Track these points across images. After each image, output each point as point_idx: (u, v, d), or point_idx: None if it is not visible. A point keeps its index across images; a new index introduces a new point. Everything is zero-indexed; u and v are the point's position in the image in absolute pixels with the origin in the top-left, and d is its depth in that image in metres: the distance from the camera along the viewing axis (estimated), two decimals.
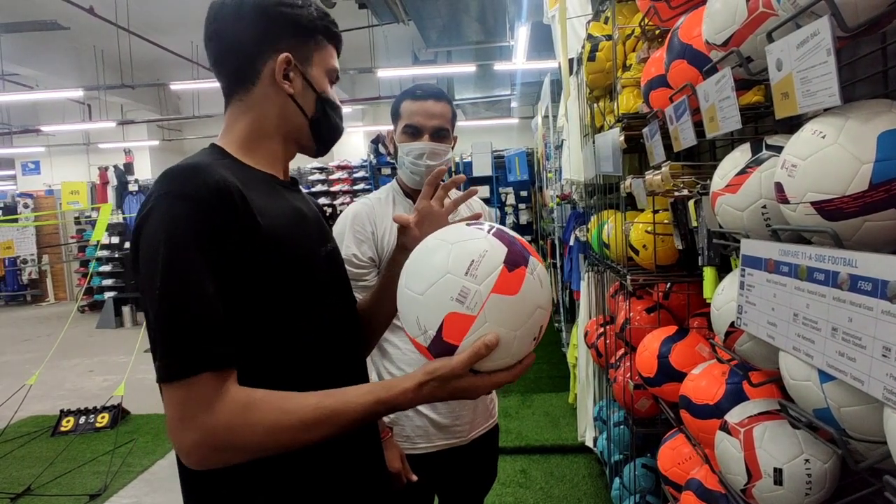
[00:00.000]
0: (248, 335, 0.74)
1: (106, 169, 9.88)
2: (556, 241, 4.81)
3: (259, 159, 0.87)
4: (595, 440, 2.94)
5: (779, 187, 0.80)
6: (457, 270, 0.71)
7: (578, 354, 3.28)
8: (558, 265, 4.67)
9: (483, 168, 8.50)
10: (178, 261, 0.68)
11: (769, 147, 0.97)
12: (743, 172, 0.98)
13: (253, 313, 0.75)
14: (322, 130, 0.92)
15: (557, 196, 4.28)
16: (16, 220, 9.77)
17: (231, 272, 0.72)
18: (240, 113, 0.88)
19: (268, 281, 0.77)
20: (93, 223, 9.09)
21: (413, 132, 1.41)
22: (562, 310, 4.94)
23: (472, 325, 0.71)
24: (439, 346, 0.73)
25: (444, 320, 0.71)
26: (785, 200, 0.78)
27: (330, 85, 0.93)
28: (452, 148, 1.48)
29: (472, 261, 0.72)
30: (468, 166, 8.56)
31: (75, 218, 10.11)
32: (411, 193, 1.49)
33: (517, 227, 8.92)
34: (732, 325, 1.03)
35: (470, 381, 0.73)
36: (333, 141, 0.96)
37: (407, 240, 0.98)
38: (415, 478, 1.37)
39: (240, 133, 0.87)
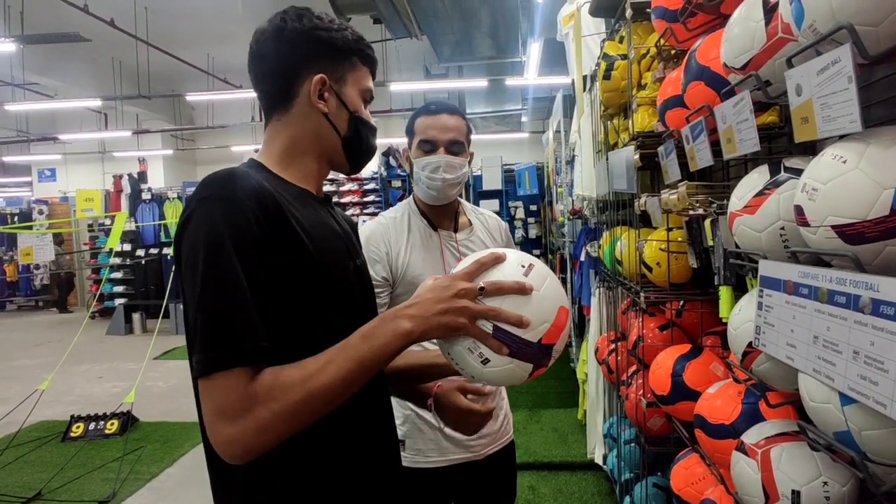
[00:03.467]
0: (274, 336, 0.76)
1: (120, 177, 10.01)
2: (567, 256, 4.81)
3: (294, 174, 0.90)
4: (605, 457, 2.91)
5: (799, 210, 0.81)
6: None
7: (588, 370, 3.27)
8: (568, 280, 4.66)
9: (493, 182, 8.54)
10: (217, 261, 0.71)
11: (787, 169, 0.98)
12: (761, 194, 0.99)
13: (278, 317, 0.77)
14: (354, 149, 0.94)
15: (568, 211, 4.29)
16: (30, 228, 9.89)
17: (264, 273, 0.75)
18: (278, 131, 0.91)
19: (295, 288, 0.79)
20: (106, 230, 9.20)
21: (428, 147, 1.41)
22: (571, 325, 4.92)
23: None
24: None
25: None
26: (805, 223, 0.79)
27: (364, 105, 0.96)
28: (469, 163, 1.49)
29: None
30: (478, 180, 8.60)
31: (88, 225, 10.23)
32: (427, 212, 1.49)
33: (526, 240, 8.92)
34: (750, 345, 1.04)
35: (466, 293, 0.74)
36: (366, 160, 0.98)
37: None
38: None
39: (277, 150, 0.91)
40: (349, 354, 0.73)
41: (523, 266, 0.78)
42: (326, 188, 9.21)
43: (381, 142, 10.35)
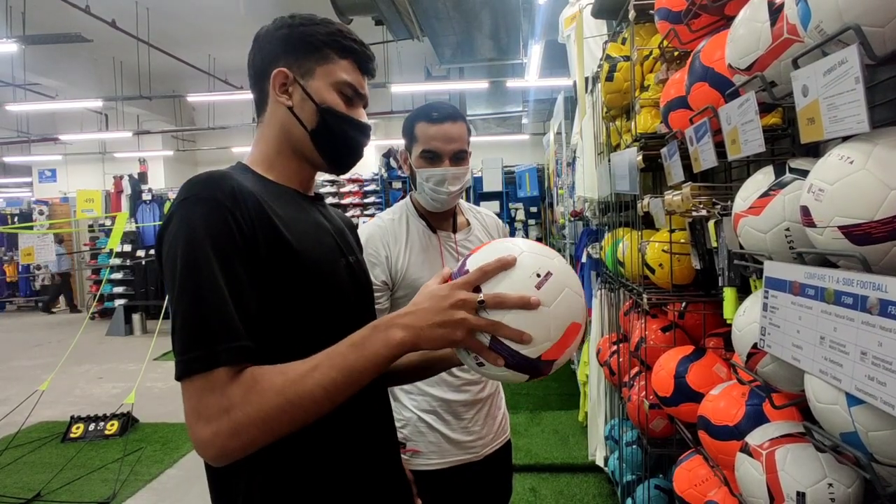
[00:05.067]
0: (259, 336, 0.75)
1: (121, 178, 10.01)
2: (568, 258, 4.81)
3: (278, 175, 0.90)
4: (606, 459, 2.91)
5: (805, 211, 0.81)
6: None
7: (589, 372, 3.27)
8: None
9: (493, 184, 8.55)
10: (194, 261, 0.71)
11: (792, 170, 0.98)
12: (766, 195, 0.99)
13: (265, 316, 0.76)
14: (325, 143, 0.90)
15: (570, 213, 4.29)
16: (31, 228, 9.89)
17: (245, 272, 0.74)
18: (260, 133, 0.92)
19: (280, 286, 0.78)
20: (106, 231, 9.20)
21: (432, 157, 1.39)
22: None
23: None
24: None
25: None
26: (811, 224, 0.79)
27: (346, 99, 0.91)
28: (469, 166, 1.48)
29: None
30: (479, 182, 8.60)
31: (89, 226, 10.22)
32: (425, 214, 1.48)
33: None
34: (755, 346, 1.03)
35: (464, 304, 0.69)
36: (345, 155, 0.93)
37: None
38: (420, 502, 1.35)
39: (259, 152, 0.91)
40: (335, 362, 0.70)
41: (538, 276, 0.70)
42: (326, 189, 9.24)
43: (383, 143, 10.38)
